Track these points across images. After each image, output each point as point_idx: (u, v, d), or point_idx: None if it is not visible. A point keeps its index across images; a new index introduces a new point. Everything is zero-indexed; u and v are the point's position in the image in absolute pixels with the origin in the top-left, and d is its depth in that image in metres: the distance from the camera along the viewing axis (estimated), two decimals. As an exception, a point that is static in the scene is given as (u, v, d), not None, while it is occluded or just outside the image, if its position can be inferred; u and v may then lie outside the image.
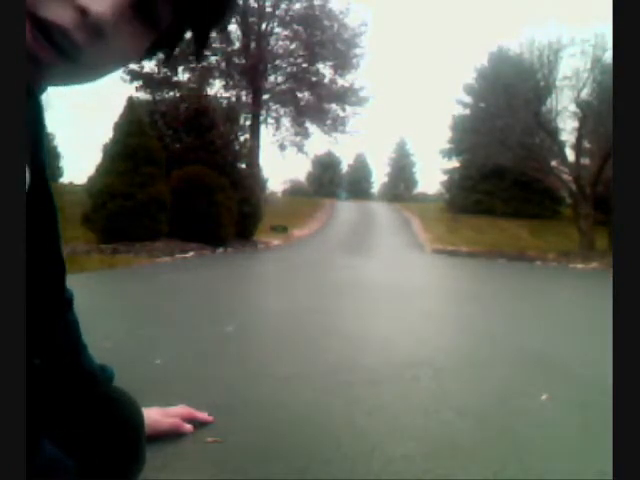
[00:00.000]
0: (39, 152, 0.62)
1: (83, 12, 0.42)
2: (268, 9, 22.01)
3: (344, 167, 63.64)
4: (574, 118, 16.82)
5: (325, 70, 23.61)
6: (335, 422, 1.44)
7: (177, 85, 17.83)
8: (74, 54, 0.43)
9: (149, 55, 0.54)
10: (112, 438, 0.72)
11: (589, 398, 1.74)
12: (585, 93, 16.23)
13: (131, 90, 19.27)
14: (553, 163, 16.80)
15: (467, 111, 28.10)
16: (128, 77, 19.90)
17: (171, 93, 17.08)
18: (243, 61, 21.76)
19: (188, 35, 0.55)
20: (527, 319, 3.67)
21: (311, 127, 24.60)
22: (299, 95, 23.78)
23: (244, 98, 22.15)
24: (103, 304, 3.31)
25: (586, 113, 15.80)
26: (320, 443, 1.29)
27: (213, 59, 21.27)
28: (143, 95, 18.11)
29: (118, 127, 9.06)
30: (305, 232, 17.65)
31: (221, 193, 10.23)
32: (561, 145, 16.74)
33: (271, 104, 23.82)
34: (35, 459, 0.46)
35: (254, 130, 21.04)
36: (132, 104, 9.50)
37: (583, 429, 1.47)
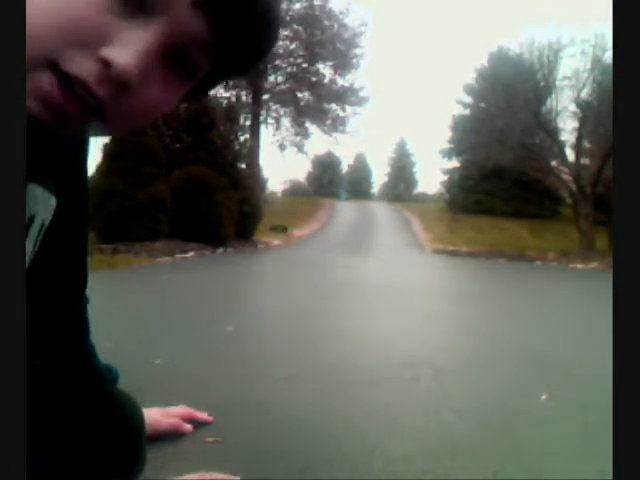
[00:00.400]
0: (79, 174, 0.67)
1: (106, 64, 0.40)
2: (268, 9, 21.96)
3: (344, 167, 63.74)
4: (574, 118, 16.85)
5: (325, 70, 23.68)
6: (335, 422, 1.44)
7: (177, 85, 17.79)
8: (98, 108, 0.41)
9: (185, 101, 0.52)
10: (113, 439, 0.72)
11: (589, 398, 1.74)
12: (585, 93, 16.27)
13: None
14: (553, 163, 16.82)
15: (467, 111, 28.13)
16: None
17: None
18: (243, 61, 21.71)
19: None
20: (527, 319, 3.67)
21: (311, 127, 24.64)
22: (299, 95, 23.81)
23: (244, 98, 22.16)
24: (103, 304, 3.31)
25: (586, 113, 15.82)
26: (320, 443, 1.29)
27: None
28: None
29: (118, 127, 9.03)
30: (305, 232, 17.67)
31: (221, 193, 10.24)
32: (561, 145, 16.76)
33: (271, 104, 23.84)
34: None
35: (254, 130, 21.07)
36: (132, 104, 9.48)
37: (583, 429, 1.47)
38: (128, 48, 0.40)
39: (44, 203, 0.57)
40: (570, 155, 16.59)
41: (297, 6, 22.04)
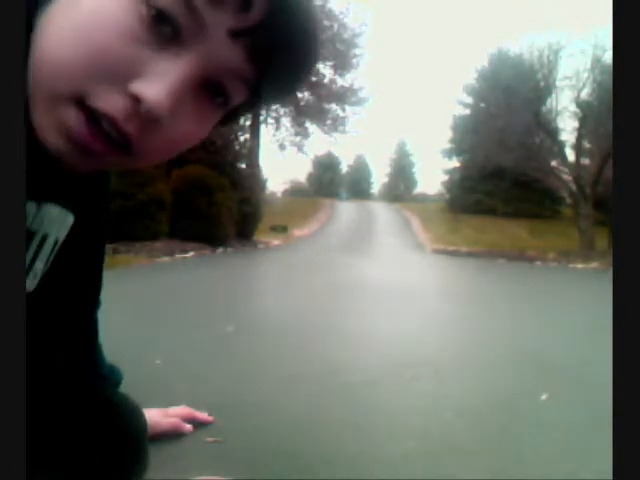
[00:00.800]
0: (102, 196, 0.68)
1: (136, 99, 0.38)
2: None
3: (344, 167, 63.80)
4: (574, 118, 16.87)
5: (325, 70, 23.62)
6: (335, 422, 1.44)
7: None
8: (125, 144, 0.40)
9: (219, 126, 0.50)
10: (113, 444, 0.72)
11: (589, 398, 1.74)
12: (585, 93, 16.29)
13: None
14: (553, 163, 16.83)
15: (467, 111, 28.17)
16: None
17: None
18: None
19: None
20: (527, 319, 3.67)
21: (311, 127, 24.61)
22: (299, 95, 23.77)
23: (244, 98, 22.12)
24: (103, 304, 3.30)
25: (586, 113, 15.84)
26: (320, 443, 1.29)
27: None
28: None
29: (118, 127, 9.05)
30: (305, 232, 17.68)
31: (221, 193, 10.24)
32: (561, 145, 16.77)
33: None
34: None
35: (254, 130, 21.02)
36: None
37: (583, 429, 1.47)
38: (159, 82, 0.38)
39: (59, 222, 0.58)
40: (570, 155, 16.62)
41: (297, 6, 22.02)
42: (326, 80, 23.64)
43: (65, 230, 0.60)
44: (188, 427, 1.28)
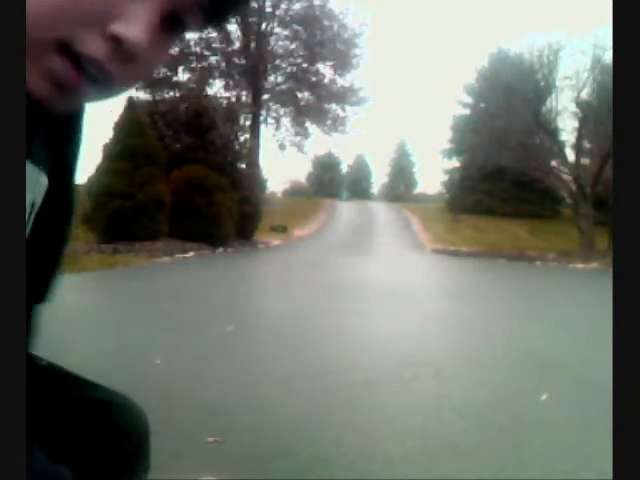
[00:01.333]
0: (69, 159, 0.65)
1: (117, 40, 0.41)
2: (268, 9, 22.06)
3: (344, 168, 63.82)
4: (574, 118, 16.87)
5: (325, 70, 23.66)
6: (335, 422, 1.44)
7: (177, 85, 17.88)
8: (107, 81, 0.43)
9: None
10: (114, 447, 0.71)
11: (589, 398, 1.74)
12: (585, 93, 16.29)
13: (131, 90, 19.21)
14: (553, 163, 16.85)
15: (467, 111, 28.19)
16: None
17: (171, 93, 17.09)
18: (243, 61, 21.82)
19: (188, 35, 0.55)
20: (527, 319, 3.67)
21: (311, 127, 24.63)
22: (299, 95, 23.81)
23: (244, 98, 22.16)
24: (103, 304, 3.31)
25: (586, 113, 15.85)
26: (320, 443, 1.29)
27: (213, 59, 21.35)
28: (143, 95, 18.09)
29: (118, 127, 9.08)
30: (305, 232, 17.69)
31: (221, 193, 10.25)
32: (561, 145, 16.79)
33: (271, 104, 23.84)
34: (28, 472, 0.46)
35: (254, 130, 21.04)
36: (132, 104, 9.54)
37: (583, 429, 1.47)
38: (138, 22, 0.41)
39: (33, 180, 0.55)
40: (570, 155, 16.63)
41: (297, 6, 22.06)
42: (326, 80, 23.67)
43: (41, 192, 0.57)
44: None
